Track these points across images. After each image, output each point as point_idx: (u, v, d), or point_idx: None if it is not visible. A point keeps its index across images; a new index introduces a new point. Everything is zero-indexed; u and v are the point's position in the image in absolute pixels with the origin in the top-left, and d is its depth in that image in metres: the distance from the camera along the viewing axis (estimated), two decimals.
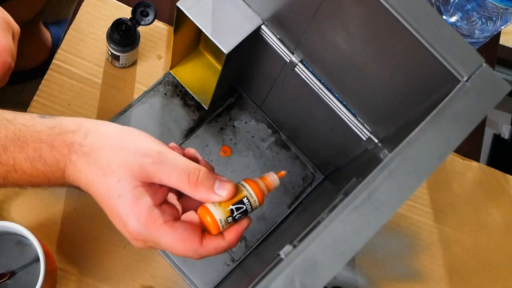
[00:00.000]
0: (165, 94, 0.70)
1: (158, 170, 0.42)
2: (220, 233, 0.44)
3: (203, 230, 0.44)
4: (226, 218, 0.43)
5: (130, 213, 0.42)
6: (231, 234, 0.44)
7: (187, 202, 0.47)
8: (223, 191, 0.43)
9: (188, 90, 0.69)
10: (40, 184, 0.46)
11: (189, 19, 0.53)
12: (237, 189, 0.44)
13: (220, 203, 0.43)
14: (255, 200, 0.44)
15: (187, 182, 0.42)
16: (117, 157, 0.42)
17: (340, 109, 0.55)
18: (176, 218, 0.44)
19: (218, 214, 0.43)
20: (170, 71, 0.69)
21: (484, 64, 0.40)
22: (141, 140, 0.43)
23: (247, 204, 0.44)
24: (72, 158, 0.43)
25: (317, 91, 0.55)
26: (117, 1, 0.72)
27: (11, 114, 0.45)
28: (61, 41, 0.70)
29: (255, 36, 0.56)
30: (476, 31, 0.69)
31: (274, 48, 0.56)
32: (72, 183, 0.45)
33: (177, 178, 0.42)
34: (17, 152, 0.43)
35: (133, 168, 0.42)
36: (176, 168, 0.42)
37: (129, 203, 0.41)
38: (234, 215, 0.44)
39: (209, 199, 0.43)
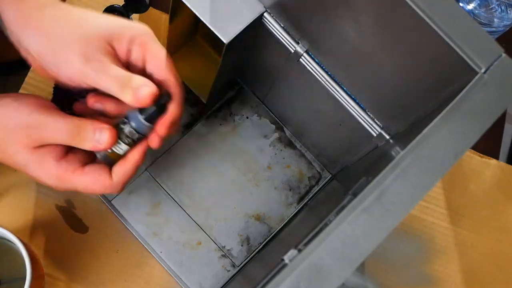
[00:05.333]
0: None
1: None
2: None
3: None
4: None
5: (41, 175, 0.47)
6: (133, 152, 0.49)
7: None
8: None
9: (185, 83, 0.69)
10: None
11: (186, 6, 0.53)
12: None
13: None
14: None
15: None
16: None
17: (349, 103, 0.55)
18: (84, 163, 0.49)
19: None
20: None
21: (504, 55, 0.40)
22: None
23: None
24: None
25: (323, 83, 0.55)
26: None
27: None
28: None
29: (257, 25, 0.55)
30: (495, 20, 0.69)
31: (277, 37, 0.56)
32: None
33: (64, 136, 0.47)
34: None
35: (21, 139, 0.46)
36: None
37: (36, 166, 0.47)
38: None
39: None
